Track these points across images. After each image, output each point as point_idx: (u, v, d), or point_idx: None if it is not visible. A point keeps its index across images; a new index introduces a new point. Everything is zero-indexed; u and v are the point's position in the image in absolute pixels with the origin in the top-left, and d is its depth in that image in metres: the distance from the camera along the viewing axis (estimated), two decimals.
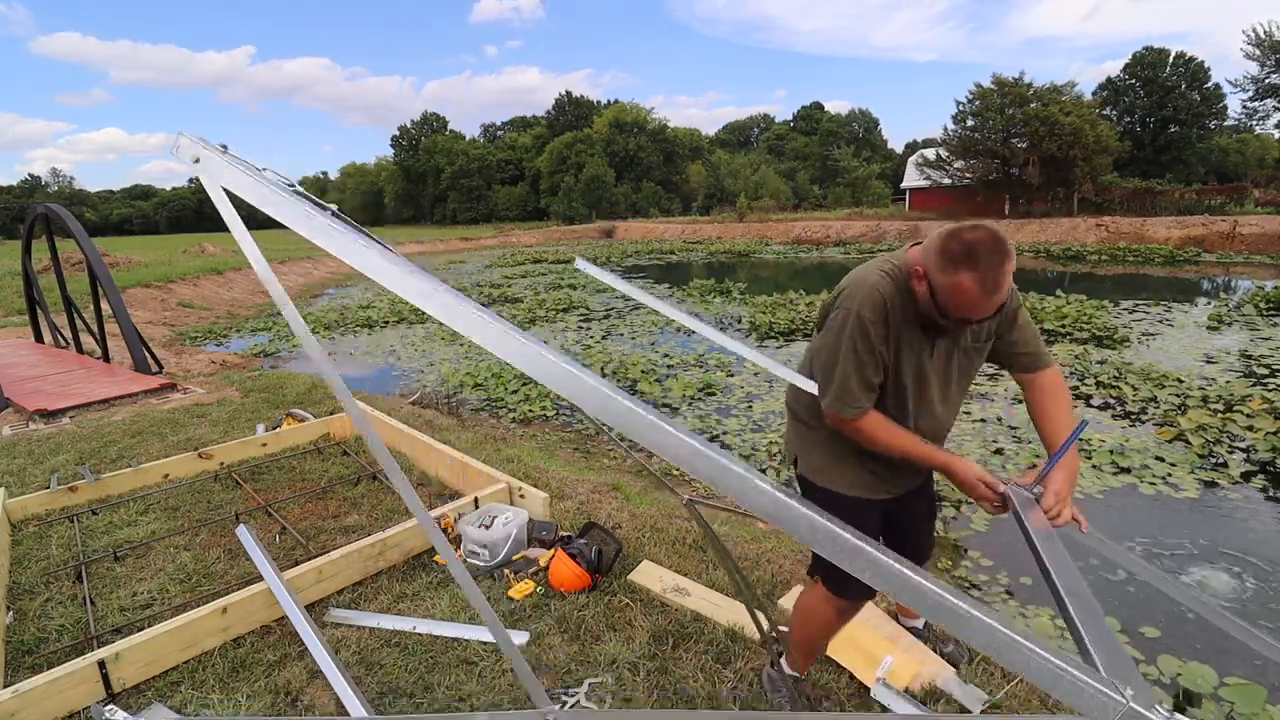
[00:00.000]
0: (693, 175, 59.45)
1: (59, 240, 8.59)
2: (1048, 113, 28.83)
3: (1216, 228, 21.49)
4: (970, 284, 1.41)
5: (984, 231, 1.42)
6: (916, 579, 0.75)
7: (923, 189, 37.77)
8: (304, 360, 9.50)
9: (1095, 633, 0.95)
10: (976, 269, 1.39)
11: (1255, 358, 7.39)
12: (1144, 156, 38.76)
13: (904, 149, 67.41)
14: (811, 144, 60.68)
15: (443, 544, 0.94)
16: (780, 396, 6.53)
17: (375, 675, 2.28)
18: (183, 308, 14.60)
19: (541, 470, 4.16)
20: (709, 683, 2.20)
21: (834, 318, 1.67)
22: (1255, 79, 31.24)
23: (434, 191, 72.13)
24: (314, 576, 2.70)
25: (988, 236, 1.40)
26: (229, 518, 3.47)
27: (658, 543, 3.15)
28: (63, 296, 8.12)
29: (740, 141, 79.40)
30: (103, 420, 5.46)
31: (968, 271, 1.40)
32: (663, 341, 9.57)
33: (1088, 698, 0.71)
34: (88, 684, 2.15)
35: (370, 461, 4.26)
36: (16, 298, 13.12)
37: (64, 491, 3.69)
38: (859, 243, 29.49)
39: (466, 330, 0.80)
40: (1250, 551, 3.56)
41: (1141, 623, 2.94)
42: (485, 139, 79.29)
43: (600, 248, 31.95)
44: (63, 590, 2.87)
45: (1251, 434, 5.01)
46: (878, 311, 1.60)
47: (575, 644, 2.41)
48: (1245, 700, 2.44)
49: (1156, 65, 40.47)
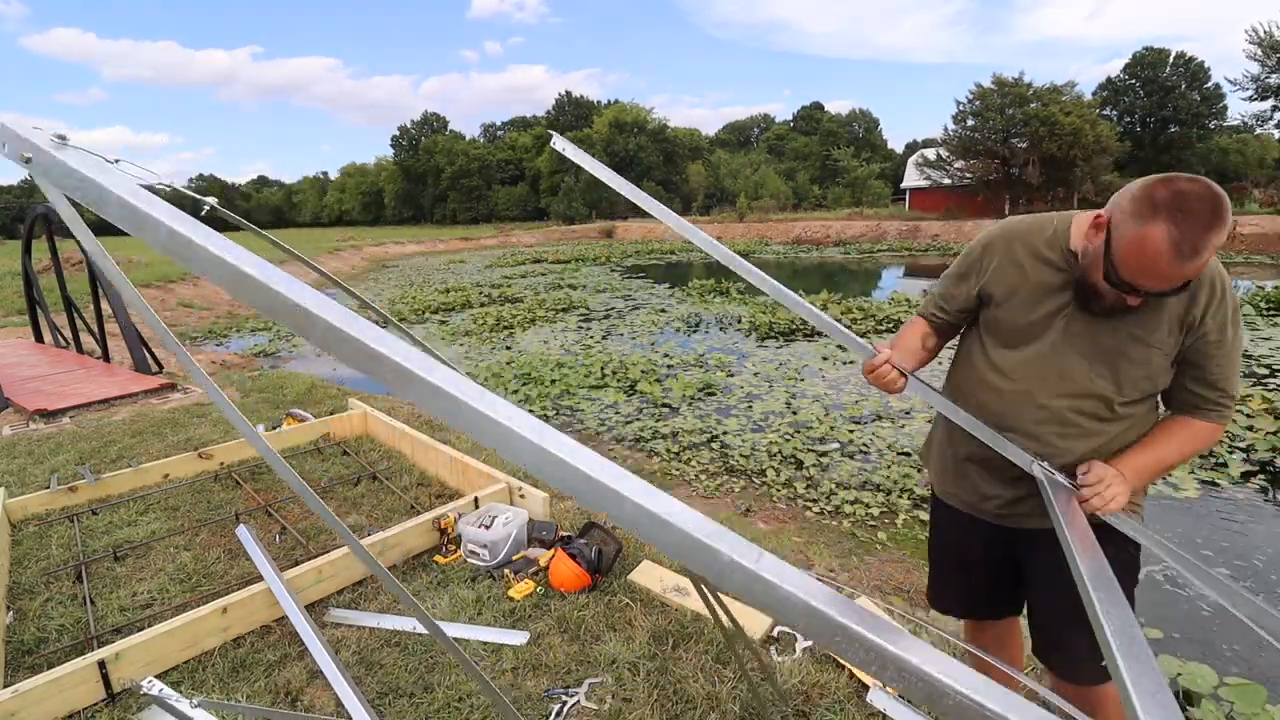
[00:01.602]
0: (693, 175, 59.44)
1: (59, 240, 8.59)
2: (1048, 113, 28.86)
3: None
4: (1160, 237, 1.16)
5: (1203, 186, 1.16)
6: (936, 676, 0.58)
7: (923, 189, 37.79)
8: (304, 360, 9.51)
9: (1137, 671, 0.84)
10: (1176, 223, 1.15)
11: (1255, 358, 7.38)
12: (1144, 156, 38.81)
13: (904, 149, 67.44)
14: (811, 144, 60.69)
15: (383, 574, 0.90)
16: (780, 396, 6.52)
17: (375, 675, 2.28)
18: (183, 308, 14.59)
19: None
20: (709, 683, 2.20)
21: None
22: (1255, 78, 31.24)
23: (434, 191, 72.18)
24: (314, 576, 2.70)
25: (1205, 191, 1.15)
26: (229, 518, 3.47)
27: None
28: (63, 296, 8.13)
29: (740, 141, 79.42)
30: (103, 420, 5.46)
31: (1166, 223, 1.15)
32: (663, 341, 9.57)
33: None
34: (88, 684, 2.15)
35: (370, 462, 4.26)
36: (16, 298, 13.12)
37: (64, 491, 3.69)
38: (859, 243, 29.49)
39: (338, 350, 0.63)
40: (1250, 552, 3.55)
41: (1144, 624, 2.94)
42: (485, 139, 79.31)
43: (600, 248, 31.95)
44: (63, 590, 2.87)
45: (1251, 434, 5.01)
46: (991, 239, 1.56)
47: (575, 644, 2.41)
48: (1245, 700, 2.44)
49: (1156, 65, 40.52)
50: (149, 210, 0.66)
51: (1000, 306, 1.53)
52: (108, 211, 0.68)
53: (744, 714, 2.08)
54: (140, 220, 0.66)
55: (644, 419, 6.02)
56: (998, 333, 1.55)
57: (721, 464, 4.92)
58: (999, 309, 1.54)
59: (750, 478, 4.69)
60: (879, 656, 0.59)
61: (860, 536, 3.84)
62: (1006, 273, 1.52)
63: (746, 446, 5.23)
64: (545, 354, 8.90)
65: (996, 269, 1.54)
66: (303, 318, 0.63)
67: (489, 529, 2.98)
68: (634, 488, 0.61)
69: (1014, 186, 31.25)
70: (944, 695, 0.58)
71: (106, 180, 0.69)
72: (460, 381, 0.63)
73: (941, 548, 1.86)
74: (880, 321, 10.15)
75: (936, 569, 1.91)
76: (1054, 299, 1.44)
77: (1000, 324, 1.54)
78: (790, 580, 0.60)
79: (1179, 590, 3.19)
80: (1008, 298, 1.51)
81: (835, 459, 4.97)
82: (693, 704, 2.11)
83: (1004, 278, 1.52)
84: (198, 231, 0.65)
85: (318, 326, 0.63)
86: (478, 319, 11.91)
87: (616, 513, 0.61)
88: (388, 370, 0.62)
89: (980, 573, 1.76)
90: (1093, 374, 1.42)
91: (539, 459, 0.61)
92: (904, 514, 4.06)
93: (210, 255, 0.64)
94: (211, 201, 1.04)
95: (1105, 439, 1.45)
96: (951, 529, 1.77)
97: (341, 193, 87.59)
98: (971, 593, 1.83)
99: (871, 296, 13.14)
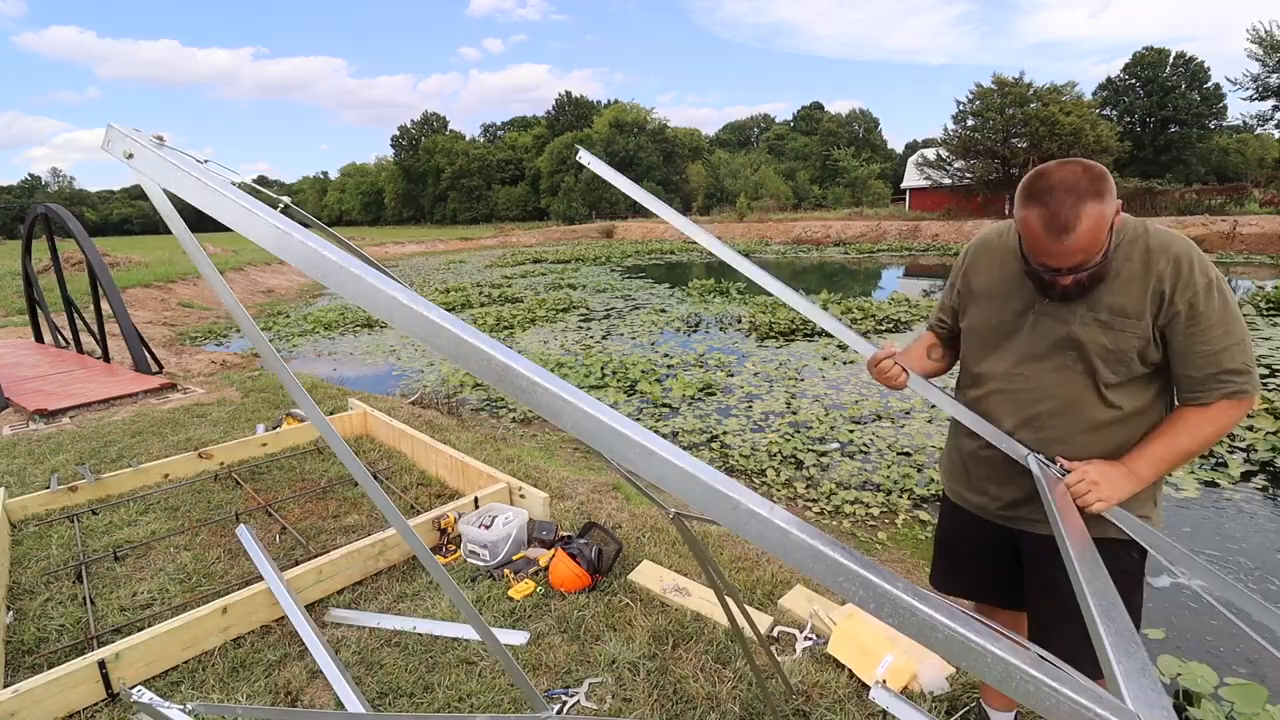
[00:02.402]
0: (693, 175, 59.48)
1: (59, 240, 8.60)
2: (1048, 113, 28.87)
3: (1216, 228, 21.49)
4: (1035, 220, 1.30)
5: (1072, 167, 1.28)
6: (925, 610, 0.63)
7: (923, 189, 37.77)
8: (304, 360, 9.50)
9: (1122, 651, 0.87)
10: (1044, 204, 1.28)
11: (1255, 358, 7.38)
12: (1144, 156, 38.84)
13: (904, 149, 67.46)
14: (812, 144, 60.75)
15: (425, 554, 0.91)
16: (780, 396, 6.52)
17: (375, 675, 2.28)
18: (183, 308, 14.60)
19: (541, 470, 4.16)
20: (709, 683, 2.20)
21: None
22: (1256, 78, 31.25)
23: (434, 191, 72.24)
24: (314, 576, 2.70)
25: (1072, 172, 1.27)
26: (229, 518, 3.47)
27: (658, 543, 3.15)
28: (63, 296, 8.13)
29: (740, 141, 79.46)
30: (103, 420, 5.46)
31: (1036, 207, 1.29)
32: (663, 341, 9.57)
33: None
34: (88, 684, 2.15)
35: (370, 462, 4.26)
36: (16, 298, 13.12)
37: (64, 491, 3.69)
38: (859, 243, 29.48)
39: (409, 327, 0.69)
40: (1250, 552, 3.56)
41: (1146, 624, 2.94)
42: (485, 139, 79.37)
43: (600, 248, 31.94)
44: (63, 590, 2.87)
45: (1251, 434, 5.02)
46: (969, 248, 1.65)
47: (575, 644, 2.41)
48: (1245, 700, 2.44)
49: (1156, 65, 40.53)
50: (245, 204, 0.74)
51: (977, 306, 1.61)
52: (206, 205, 0.76)
53: (744, 714, 2.08)
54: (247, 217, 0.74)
55: (644, 419, 6.03)
56: (979, 334, 1.61)
57: (722, 464, 4.92)
58: (975, 308, 1.61)
59: (750, 477, 4.69)
60: (877, 594, 0.65)
61: (860, 536, 3.84)
62: (980, 275, 1.61)
63: (746, 446, 5.23)
64: (545, 354, 8.90)
65: (971, 271, 1.63)
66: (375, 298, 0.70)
67: (489, 529, 2.98)
68: (661, 445, 0.68)
69: (1014, 186, 31.21)
70: (933, 628, 0.64)
71: (202, 177, 0.77)
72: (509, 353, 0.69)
73: (947, 539, 1.90)
74: (880, 321, 10.15)
75: (940, 557, 1.93)
76: (1021, 296, 1.50)
77: (977, 327, 1.61)
78: (799, 528, 0.67)
79: (1180, 591, 3.19)
80: (982, 298, 1.59)
81: (835, 459, 4.97)
82: (693, 704, 2.11)
83: (978, 279, 1.61)
84: (294, 228, 0.74)
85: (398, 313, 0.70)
86: (478, 319, 11.91)
87: (645, 467, 0.68)
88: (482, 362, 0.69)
89: (984, 564, 1.79)
90: (1067, 361, 1.45)
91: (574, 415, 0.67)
92: (904, 514, 4.06)
93: (307, 249, 0.71)
94: (286, 200, 1.12)
95: (1105, 430, 1.45)
96: (957, 525, 1.80)
97: (342, 193, 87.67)
98: (976, 578, 1.86)
99: (871, 296, 13.14)
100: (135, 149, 0.79)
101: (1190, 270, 1.34)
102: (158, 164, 0.78)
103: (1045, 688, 0.62)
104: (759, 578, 2.85)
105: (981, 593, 1.88)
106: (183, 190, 0.78)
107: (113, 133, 0.80)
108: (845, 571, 0.65)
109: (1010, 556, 1.71)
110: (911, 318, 10.53)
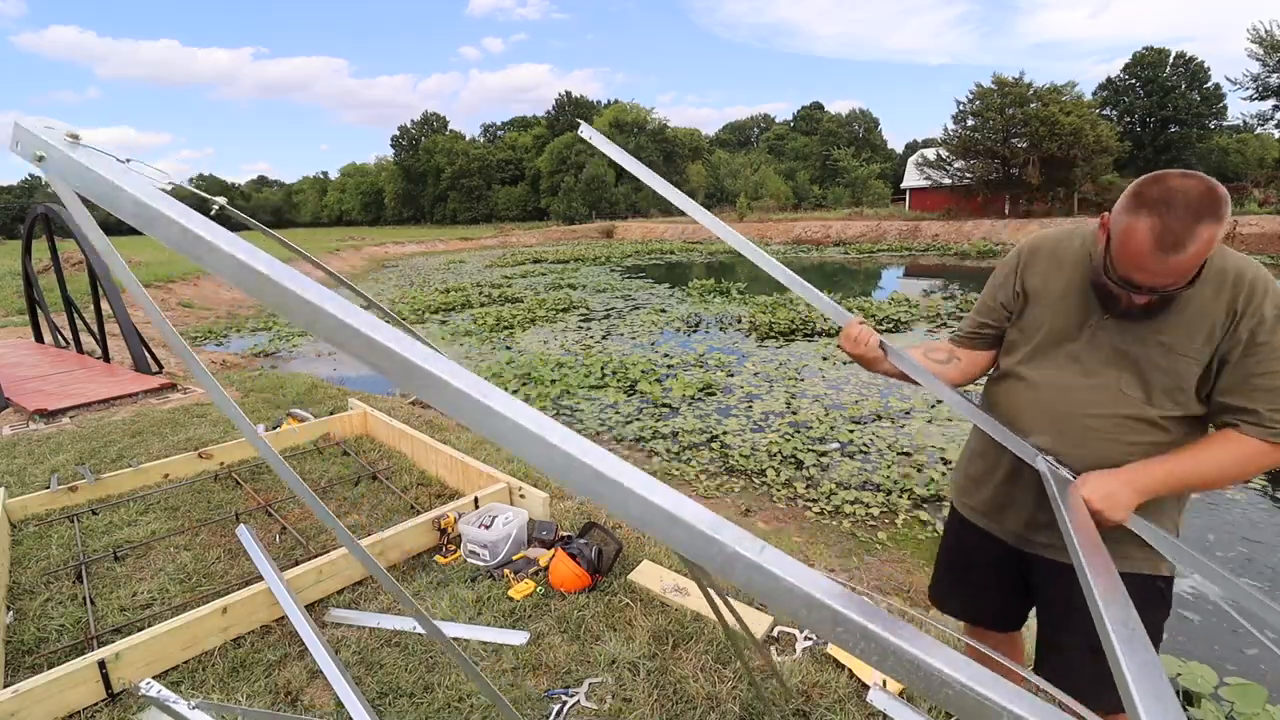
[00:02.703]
0: (693, 175, 59.45)
1: (59, 240, 8.59)
2: (1048, 113, 28.85)
3: None
4: (1143, 230, 1.18)
5: (1196, 182, 1.17)
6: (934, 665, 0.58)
7: (923, 189, 37.77)
8: (304, 360, 9.50)
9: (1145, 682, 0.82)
10: (1160, 216, 1.17)
11: None
12: (1144, 156, 38.84)
13: (904, 149, 67.44)
14: (811, 144, 60.72)
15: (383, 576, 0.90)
16: (780, 396, 6.52)
17: (375, 675, 2.28)
18: (183, 308, 14.60)
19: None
20: (709, 683, 2.20)
21: None
22: (1256, 78, 31.24)
23: (434, 191, 72.23)
24: (314, 576, 2.70)
25: (1196, 187, 1.16)
26: (229, 518, 3.47)
27: (658, 542, 3.15)
28: (63, 296, 8.13)
29: (740, 141, 79.42)
30: (103, 420, 5.46)
31: (1149, 216, 1.18)
32: (663, 341, 9.57)
33: None
34: (88, 684, 2.14)
35: (371, 461, 4.26)
36: (16, 298, 13.12)
37: (64, 491, 3.69)
38: (859, 243, 29.48)
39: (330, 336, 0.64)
40: (1250, 553, 3.55)
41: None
42: (485, 139, 79.35)
43: (600, 248, 31.95)
44: (63, 590, 2.87)
45: None
46: (1015, 253, 1.58)
47: (575, 644, 2.41)
48: (1245, 700, 2.44)
49: (1156, 65, 40.53)
50: (163, 209, 0.68)
51: (1034, 307, 1.53)
52: (121, 210, 0.69)
53: (744, 714, 2.08)
54: (153, 219, 0.68)
55: (644, 419, 6.02)
56: (1029, 339, 1.53)
57: (722, 464, 4.92)
58: (1032, 311, 1.53)
59: (750, 478, 4.69)
60: (880, 648, 0.59)
61: (860, 536, 3.84)
62: (1036, 278, 1.53)
63: (746, 446, 5.23)
64: (545, 354, 8.90)
65: (1027, 273, 1.55)
66: (311, 313, 0.64)
67: (489, 529, 2.98)
68: (638, 481, 0.61)
69: (1014, 186, 31.25)
70: (945, 685, 0.58)
71: (119, 179, 0.70)
72: (462, 374, 0.63)
73: (950, 554, 1.86)
74: (880, 321, 10.15)
75: (943, 571, 1.90)
76: (1082, 306, 1.43)
77: (1030, 329, 1.53)
78: (792, 572, 0.60)
79: (1181, 591, 3.19)
80: (1038, 302, 1.52)
81: (835, 459, 4.97)
82: (693, 704, 2.11)
83: (1033, 281, 1.53)
84: (210, 230, 0.67)
85: (325, 322, 0.64)
86: (478, 319, 11.91)
87: (620, 507, 0.61)
88: (395, 364, 0.63)
89: (988, 585, 1.75)
90: (1120, 383, 1.38)
91: (542, 451, 0.61)
92: (904, 514, 4.06)
93: (223, 253, 0.65)
94: (220, 201, 1.05)
95: (1142, 452, 1.37)
96: (964, 540, 1.75)
97: (341, 193, 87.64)
98: (976, 600, 1.83)
99: (872, 296, 13.14)
100: (47, 149, 0.72)
101: (1261, 299, 1.27)
102: (71, 166, 0.72)
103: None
104: None
105: (981, 615, 1.86)
106: (97, 194, 0.71)
107: (21, 132, 0.73)
108: (844, 621, 0.59)
109: (1018, 581, 1.66)
110: (911, 318, 10.54)
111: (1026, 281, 1.54)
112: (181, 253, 0.67)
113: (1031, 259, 1.55)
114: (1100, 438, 1.40)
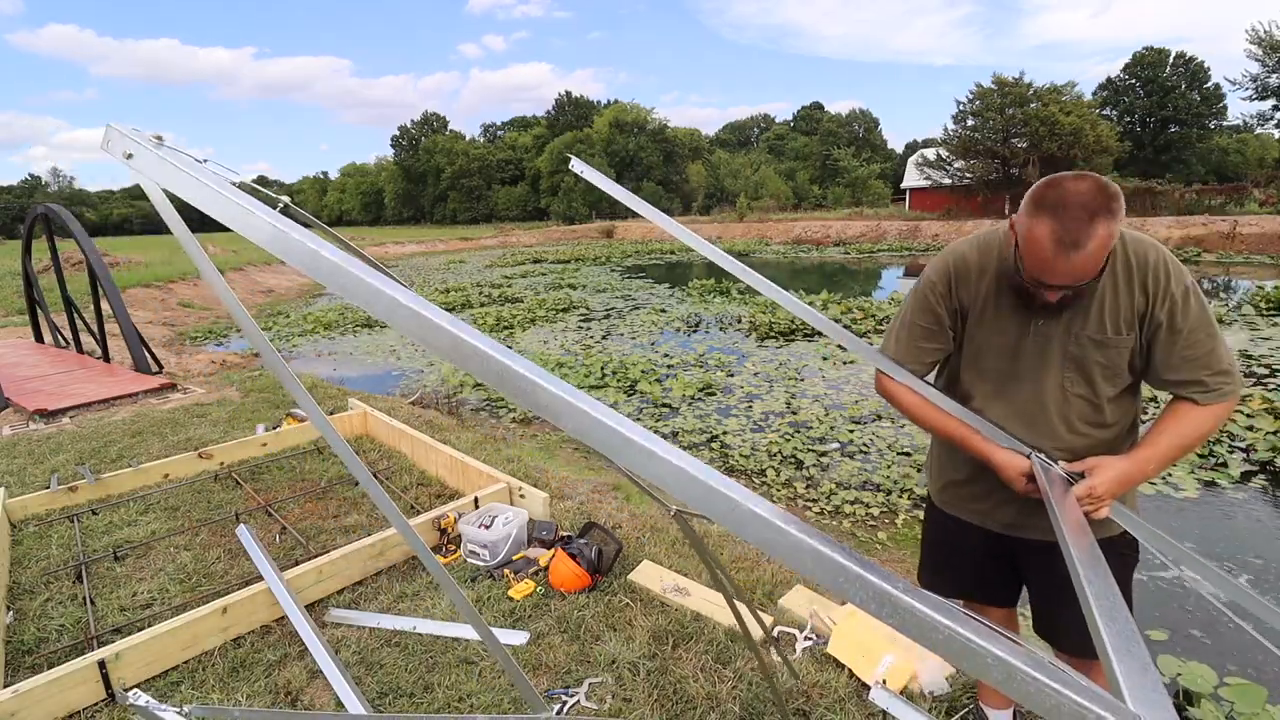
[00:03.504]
0: (693, 175, 59.48)
1: (59, 240, 8.60)
2: (1048, 113, 28.88)
3: (1216, 228, 21.48)
4: (1043, 233, 1.24)
5: (1089, 183, 1.22)
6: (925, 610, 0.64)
7: (923, 189, 37.78)
8: (304, 360, 9.50)
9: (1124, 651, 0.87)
10: (1056, 218, 1.22)
11: (1255, 358, 7.38)
12: (1144, 156, 38.86)
13: (904, 149, 67.46)
14: (812, 144, 60.73)
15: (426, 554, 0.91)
16: (780, 396, 6.52)
17: (375, 675, 2.28)
18: (183, 308, 14.60)
19: (542, 470, 4.16)
20: (709, 683, 2.20)
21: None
22: (1255, 78, 31.26)
23: (434, 191, 72.26)
24: (314, 576, 2.70)
25: (1088, 188, 1.21)
26: (229, 518, 3.47)
27: (658, 543, 3.15)
28: (63, 296, 8.13)
29: (740, 141, 79.47)
30: (103, 420, 5.46)
31: (1047, 220, 1.23)
32: (663, 341, 9.57)
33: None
34: (88, 684, 2.15)
35: (370, 461, 4.26)
36: (16, 298, 13.13)
37: (64, 491, 3.69)
38: (859, 243, 29.48)
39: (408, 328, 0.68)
40: (1249, 552, 3.55)
41: (1149, 625, 2.93)
42: (485, 139, 79.39)
43: (600, 248, 31.95)
44: (63, 590, 2.87)
45: (1251, 434, 5.01)
46: (941, 272, 1.52)
47: (575, 644, 2.41)
48: (1245, 700, 2.44)
49: (1156, 65, 40.55)
50: (252, 207, 0.73)
51: (974, 327, 1.52)
52: (206, 206, 0.75)
53: (744, 714, 2.08)
54: (239, 216, 0.73)
55: (644, 419, 6.03)
56: (977, 357, 1.54)
57: (722, 464, 4.92)
58: (974, 330, 1.53)
59: (750, 478, 4.69)
60: (877, 594, 0.64)
61: (860, 536, 3.84)
62: (967, 294, 1.51)
63: (746, 446, 5.23)
64: (545, 354, 8.90)
65: (960, 292, 1.52)
66: (375, 299, 0.68)
67: (489, 529, 2.98)
68: (663, 446, 0.68)
69: (1014, 186, 31.25)
70: (934, 629, 0.64)
71: (204, 177, 0.76)
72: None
73: (933, 543, 1.87)
74: (880, 321, 10.14)
75: (928, 559, 1.91)
76: (1014, 315, 1.46)
77: (978, 348, 1.53)
78: (800, 529, 0.67)
79: (1182, 589, 3.19)
80: (976, 318, 1.51)
81: (835, 459, 4.97)
82: (693, 704, 2.11)
83: (966, 297, 1.52)
84: (293, 227, 0.72)
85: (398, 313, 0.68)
86: (478, 319, 11.92)
87: (646, 468, 0.67)
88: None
89: (976, 563, 1.77)
90: (1065, 380, 1.46)
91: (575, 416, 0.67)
92: (904, 514, 4.06)
93: (306, 249, 0.70)
94: (285, 200, 1.11)
95: (1102, 435, 1.49)
96: (951, 535, 1.77)
97: (342, 193, 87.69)
98: (964, 580, 1.84)
99: (872, 296, 13.14)
100: (135, 149, 0.79)
101: (1167, 280, 1.36)
102: (157, 164, 0.78)
103: (1046, 688, 0.62)
104: (759, 578, 2.85)
105: (974, 590, 1.86)
106: (182, 190, 0.77)
107: (112, 133, 0.80)
108: (845, 572, 0.65)
109: (1006, 560, 1.71)
110: None
111: (962, 298, 1.53)
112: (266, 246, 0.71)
113: (959, 276, 1.52)
114: (1062, 433, 1.48)
